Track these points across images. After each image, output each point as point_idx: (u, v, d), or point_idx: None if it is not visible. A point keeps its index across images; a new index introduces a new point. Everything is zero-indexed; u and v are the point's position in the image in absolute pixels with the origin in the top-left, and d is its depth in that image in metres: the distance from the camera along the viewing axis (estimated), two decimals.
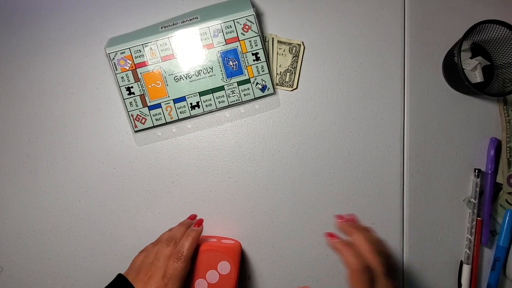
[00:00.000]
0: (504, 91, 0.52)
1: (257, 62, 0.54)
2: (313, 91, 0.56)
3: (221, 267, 0.47)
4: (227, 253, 0.47)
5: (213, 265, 0.47)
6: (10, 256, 0.56)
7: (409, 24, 0.56)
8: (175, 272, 0.42)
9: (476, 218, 0.55)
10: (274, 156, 0.56)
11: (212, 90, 0.54)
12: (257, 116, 0.56)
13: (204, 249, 0.47)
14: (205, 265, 0.47)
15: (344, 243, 0.43)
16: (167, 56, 0.53)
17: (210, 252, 0.47)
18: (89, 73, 0.56)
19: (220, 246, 0.48)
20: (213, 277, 0.47)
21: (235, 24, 0.52)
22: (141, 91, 0.54)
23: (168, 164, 0.56)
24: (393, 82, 0.56)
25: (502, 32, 0.51)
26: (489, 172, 0.55)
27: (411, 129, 0.56)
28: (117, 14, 0.56)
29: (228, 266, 0.47)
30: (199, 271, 0.47)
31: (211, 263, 0.47)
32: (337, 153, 0.56)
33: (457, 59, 0.50)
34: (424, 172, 0.56)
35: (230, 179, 0.56)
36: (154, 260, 0.45)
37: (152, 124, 0.55)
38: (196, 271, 0.47)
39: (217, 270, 0.47)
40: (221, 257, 0.47)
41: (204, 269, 0.47)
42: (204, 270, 0.47)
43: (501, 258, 0.55)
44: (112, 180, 0.56)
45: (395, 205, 0.56)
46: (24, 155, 0.56)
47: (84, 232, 0.56)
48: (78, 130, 0.56)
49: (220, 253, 0.47)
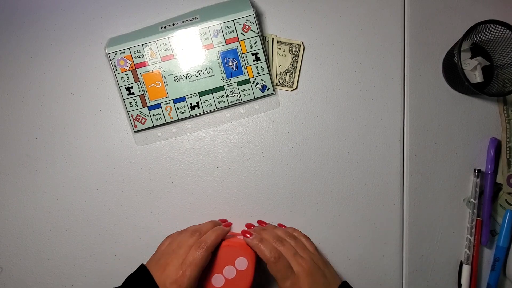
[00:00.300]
0: (504, 91, 0.52)
1: (257, 62, 0.54)
2: (313, 91, 0.56)
3: (239, 263, 0.47)
4: (245, 249, 0.48)
5: (230, 260, 0.47)
6: (10, 256, 0.56)
7: (409, 24, 0.56)
8: (195, 260, 0.43)
9: (476, 218, 0.55)
10: (274, 156, 0.56)
11: (212, 90, 0.54)
12: (257, 116, 0.56)
13: (223, 244, 0.48)
14: (223, 260, 0.47)
15: (257, 240, 0.47)
16: (167, 56, 0.53)
17: (228, 248, 0.48)
18: (89, 73, 0.56)
19: (238, 242, 0.48)
20: (230, 272, 0.47)
21: (235, 24, 0.52)
22: (141, 91, 0.54)
23: (168, 164, 0.56)
24: (393, 82, 0.56)
25: (502, 32, 0.51)
26: (489, 172, 0.55)
27: (411, 129, 0.56)
28: (117, 14, 0.56)
29: (245, 262, 0.47)
30: (216, 266, 0.47)
31: (229, 259, 0.47)
32: (337, 153, 0.56)
33: (457, 59, 0.50)
34: (424, 172, 0.56)
35: (230, 179, 0.56)
36: (176, 248, 0.46)
37: (152, 124, 0.54)
38: (214, 266, 0.47)
39: (234, 266, 0.47)
40: (239, 253, 0.47)
41: (221, 265, 0.47)
42: (222, 266, 0.47)
43: (501, 258, 0.55)
44: (112, 180, 0.56)
45: (395, 205, 0.56)
46: (24, 155, 0.56)
47: (84, 232, 0.56)
48: (78, 130, 0.56)
49: (238, 249, 0.48)
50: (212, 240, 0.45)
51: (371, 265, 0.56)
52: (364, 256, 0.56)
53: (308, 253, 0.48)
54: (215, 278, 0.47)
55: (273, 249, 0.46)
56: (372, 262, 0.56)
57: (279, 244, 0.47)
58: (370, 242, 0.56)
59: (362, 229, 0.56)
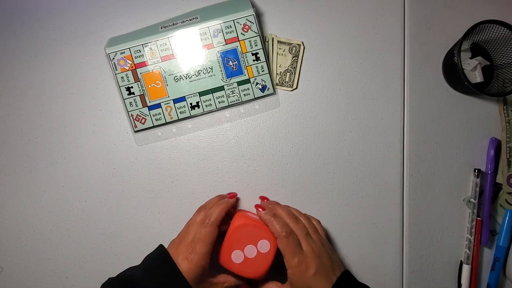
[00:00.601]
0: (504, 91, 0.52)
1: (257, 62, 0.54)
2: (313, 91, 0.56)
3: (261, 245, 0.48)
4: (270, 234, 0.48)
5: (254, 240, 0.48)
6: (10, 256, 0.56)
7: (409, 24, 0.56)
8: (201, 236, 0.46)
9: (476, 218, 0.55)
10: (274, 156, 0.56)
11: (212, 90, 0.54)
12: (257, 116, 0.56)
13: (249, 223, 0.49)
14: (246, 238, 0.48)
15: (270, 214, 0.48)
16: (167, 56, 0.53)
17: (254, 227, 0.48)
18: (89, 73, 0.56)
19: (265, 226, 0.49)
20: (251, 252, 0.48)
21: (235, 24, 0.52)
22: (141, 91, 0.54)
23: (168, 164, 0.56)
24: (393, 82, 0.56)
25: (502, 32, 0.51)
26: (489, 172, 0.55)
27: (411, 129, 0.56)
28: (117, 14, 0.56)
29: (268, 245, 0.48)
30: (239, 242, 0.48)
31: (252, 238, 0.48)
32: (337, 153, 0.56)
33: (457, 59, 0.50)
34: (424, 172, 0.56)
35: (230, 179, 0.56)
36: (186, 228, 0.49)
37: (152, 124, 0.55)
38: (236, 241, 0.48)
39: (256, 247, 0.48)
40: (263, 235, 0.48)
41: (244, 242, 0.48)
42: (244, 243, 0.48)
43: (501, 258, 0.55)
44: (112, 180, 0.56)
45: (395, 205, 0.56)
46: (24, 155, 0.56)
47: (84, 232, 0.56)
48: (78, 130, 0.56)
49: (263, 231, 0.48)
50: (216, 215, 0.47)
51: (371, 265, 0.56)
52: (364, 256, 0.56)
53: (319, 236, 0.49)
54: (235, 254, 0.48)
55: (285, 225, 0.47)
56: (372, 262, 0.56)
57: (293, 221, 0.48)
58: (370, 242, 0.56)
59: (362, 229, 0.56)
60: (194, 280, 0.45)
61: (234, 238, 0.48)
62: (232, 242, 0.48)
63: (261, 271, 0.48)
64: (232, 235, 0.48)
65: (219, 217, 0.48)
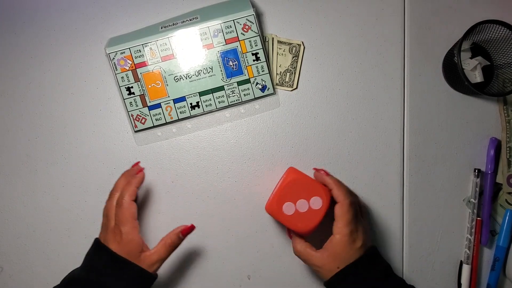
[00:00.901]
0: (504, 91, 0.52)
1: (257, 62, 0.54)
2: (313, 91, 0.56)
3: (314, 201, 0.48)
4: (325, 193, 0.48)
5: (307, 196, 0.48)
6: (10, 256, 0.56)
7: (409, 24, 0.56)
8: (122, 217, 0.47)
9: (476, 218, 0.55)
10: (274, 156, 0.56)
11: (212, 90, 0.54)
12: (257, 116, 0.56)
13: (303, 178, 0.49)
14: (299, 192, 0.48)
15: (335, 179, 0.49)
16: (167, 56, 0.53)
17: (308, 183, 0.49)
18: (89, 73, 0.56)
19: (319, 184, 0.49)
20: (303, 206, 0.48)
21: (235, 24, 0.52)
22: (141, 91, 0.54)
23: (168, 164, 0.56)
24: (393, 82, 0.56)
25: (502, 32, 0.51)
26: (489, 172, 0.55)
27: (411, 129, 0.56)
28: (117, 14, 0.56)
29: (320, 202, 0.48)
30: (292, 195, 0.48)
31: (307, 194, 0.48)
32: (337, 153, 0.56)
33: (457, 59, 0.50)
34: (424, 172, 0.56)
35: (230, 179, 0.56)
36: (105, 216, 0.50)
37: (152, 124, 0.55)
38: (290, 194, 0.48)
39: (308, 202, 0.48)
40: (318, 192, 0.48)
41: (297, 195, 0.48)
42: (298, 197, 0.48)
43: (500, 258, 0.55)
44: (112, 180, 0.55)
45: (395, 205, 0.56)
46: (24, 155, 0.56)
47: (84, 232, 0.56)
48: (78, 130, 0.56)
49: (317, 189, 0.48)
50: (129, 192, 0.48)
51: None
52: None
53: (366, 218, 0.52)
54: (287, 206, 0.48)
55: (351, 193, 0.49)
56: None
57: (354, 195, 0.50)
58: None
59: None
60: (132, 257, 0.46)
61: (288, 190, 0.48)
62: (285, 193, 0.48)
63: (310, 226, 0.48)
64: (286, 187, 0.48)
65: (132, 194, 0.48)
